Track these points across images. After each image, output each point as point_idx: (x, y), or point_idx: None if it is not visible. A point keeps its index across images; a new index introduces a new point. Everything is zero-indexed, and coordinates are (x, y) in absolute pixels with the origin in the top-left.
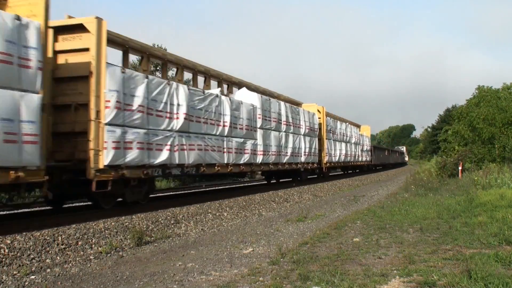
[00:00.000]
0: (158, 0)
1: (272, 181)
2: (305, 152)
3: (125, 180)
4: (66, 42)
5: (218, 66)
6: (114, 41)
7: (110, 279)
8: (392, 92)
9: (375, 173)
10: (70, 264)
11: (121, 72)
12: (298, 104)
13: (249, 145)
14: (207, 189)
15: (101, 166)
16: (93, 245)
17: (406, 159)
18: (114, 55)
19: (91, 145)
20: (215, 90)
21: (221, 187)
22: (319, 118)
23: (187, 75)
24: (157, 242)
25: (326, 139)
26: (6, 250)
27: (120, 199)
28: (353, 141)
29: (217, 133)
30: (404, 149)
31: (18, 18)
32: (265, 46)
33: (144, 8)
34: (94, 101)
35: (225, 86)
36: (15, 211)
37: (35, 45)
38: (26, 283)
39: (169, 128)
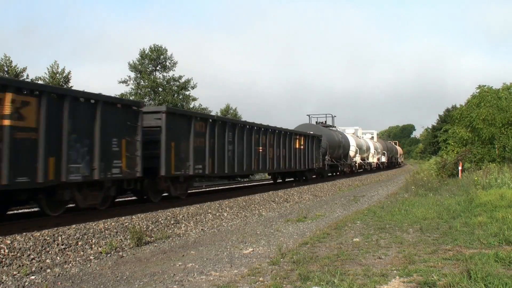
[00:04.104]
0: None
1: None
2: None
3: None
4: None
5: (215, 66)
6: None
7: (110, 279)
8: (392, 92)
9: (375, 173)
10: (70, 265)
11: None
12: None
13: None
14: (207, 189)
15: None
16: (93, 245)
17: (371, 159)
18: None
19: None
20: None
21: (221, 187)
22: None
23: None
24: (157, 242)
25: None
26: (6, 250)
27: None
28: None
29: None
30: (354, 131)
31: None
32: (264, 45)
33: (143, 7)
34: None
35: None
36: (15, 211)
37: None
38: (26, 283)
39: None
